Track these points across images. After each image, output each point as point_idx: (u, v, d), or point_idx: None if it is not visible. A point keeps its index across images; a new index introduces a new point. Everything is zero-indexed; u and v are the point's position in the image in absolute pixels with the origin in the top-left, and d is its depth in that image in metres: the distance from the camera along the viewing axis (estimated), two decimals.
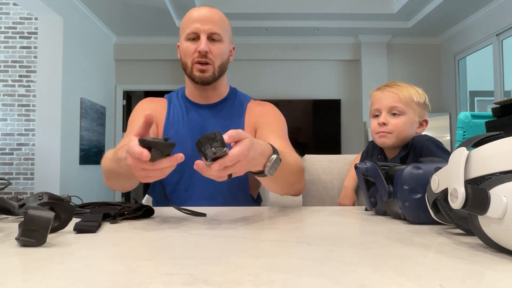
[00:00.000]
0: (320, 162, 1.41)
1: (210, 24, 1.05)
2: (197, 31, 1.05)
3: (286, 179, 0.89)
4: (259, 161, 0.70)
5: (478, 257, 0.42)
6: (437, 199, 0.54)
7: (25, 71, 4.56)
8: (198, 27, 1.05)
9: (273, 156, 0.73)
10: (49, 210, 0.51)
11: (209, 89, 1.13)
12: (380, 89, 1.13)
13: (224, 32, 1.08)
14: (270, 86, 5.56)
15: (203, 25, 1.05)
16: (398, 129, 1.08)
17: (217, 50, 1.07)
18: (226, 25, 1.11)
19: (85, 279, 0.35)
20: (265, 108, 1.18)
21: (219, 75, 1.10)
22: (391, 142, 1.09)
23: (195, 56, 1.06)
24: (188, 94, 1.17)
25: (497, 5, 4.26)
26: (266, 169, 0.72)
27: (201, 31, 1.05)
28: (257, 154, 0.68)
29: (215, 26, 1.06)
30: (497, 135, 0.47)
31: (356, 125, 5.53)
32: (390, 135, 1.08)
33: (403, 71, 5.52)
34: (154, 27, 5.09)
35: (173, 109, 1.15)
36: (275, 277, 0.35)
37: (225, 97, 1.17)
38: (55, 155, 3.94)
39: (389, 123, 1.08)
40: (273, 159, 0.72)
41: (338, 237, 0.55)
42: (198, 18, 1.06)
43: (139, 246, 0.50)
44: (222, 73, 1.11)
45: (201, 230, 0.60)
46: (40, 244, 0.47)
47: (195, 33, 1.05)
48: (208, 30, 1.05)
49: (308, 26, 5.14)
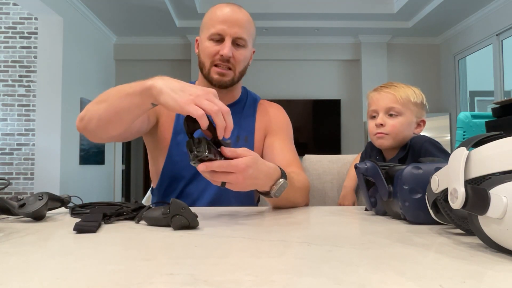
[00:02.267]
0: (320, 162, 1.41)
1: (237, 28, 0.99)
2: (222, 33, 0.99)
3: (291, 200, 0.89)
4: (264, 182, 0.73)
5: (478, 257, 0.42)
6: (437, 199, 0.54)
7: (25, 71, 4.56)
8: (224, 29, 0.99)
9: (281, 180, 0.75)
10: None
11: (224, 91, 1.08)
12: (377, 90, 1.13)
13: (249, 37, 1.04)
14: (270, 86, 5.56)
15: (229, 28, 0.99)
16: (395, 130, 1.07)
17: (240, 56, 1.02)
18: (252, 29, 1.06)
19: (85, 279, 0.35)
20: (275, 112, 1.17)
21: (237, 80, 1.07)
22: (388, 143, 1.09)
23: (216, 58, 1.01)
24: None
25: (497, 5, 4.26)
26: (272, 192, 0.74)
27: (226, 34, 0.99)
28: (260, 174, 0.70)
29: (242, 30, 1.00)
30: (497, 135, 0.47)
31: (356, 125, 5.53)
32: (388, 136, 1.08)
33: (403, 71, 5.53)
34: (154, 27, 5.10)
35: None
36: (275, 277, 0.35)
37: (237, 99, 1.14)
38: (55, 155, 3.94)
39: (386, 124, 1.08)
40: (280, 183, 0.75)
41: (338, 237, 0.55)
42: (225, 19, 0.99)
43: (139, 246, 0.50)
44: (240, 78, 1.08)
45: (201, 230, 0.60)
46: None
47: (220, 35, 0.99)
48: (234, 34, 0.99)
49: (308, 26, 5.14)
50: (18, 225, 0.65)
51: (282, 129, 1.13)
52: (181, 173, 1.04)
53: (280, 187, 0.74)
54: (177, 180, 1.05)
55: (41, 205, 0.68)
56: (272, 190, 0.74)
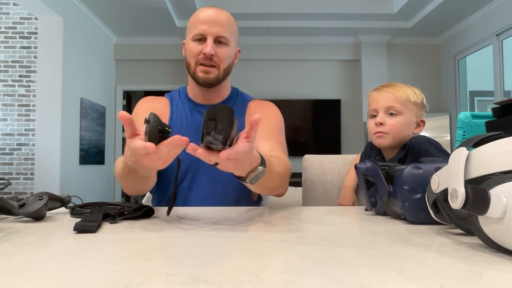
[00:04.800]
0: (320, 162, 1.41)
1: (218, 27, 1.05)
2: (204, 33, 1.04)
3: (268, 185, 0.89)
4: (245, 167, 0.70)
5: (478, 257, 0.42)
6: (437, 199, 0.54)
7: (25, 71, 4.56)
8: (205, 29, 1.04)
9: (259, 168, 0.72)
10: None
11: (212, 90, 1.12)
12: (377, 90, 1.14)
13: (231, 36, 1.08)
14: (270, 86, 5.56)
15: (210, 28, 1.04)
16: (395, 129, 1.08)
17: (223, 53, 1.06)
18: (233, 28, 1.10)
19: (85, 279, 0.35)
20: (263, 106, 1.19)
21: (223, 78, 1.10)
22: (388, 142, 1.09)
23: (199, 57, 1.06)
24: (191, 95, 1.17)
25: (497, 5, 4.26)
26: (249, 178, 0.71)
27: (208, 34, 1.04)
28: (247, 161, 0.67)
29: (223, 29, 1.05)
30: (497, 135, 0.47)
31: (356, 125, 5.53)
32: (387, 136, 1.08)
33: (403, 71, 5.53)
34: (154, 27, 5.09)
35: (176, 109, 1.15)
36: (275, 277, 0.35)
37: (227, 97, 1.17)
38: (55, 155, 3.94)
39: (386, 123, 1.08)
40: (258, 171, 0.71)
41: (338, 237, 0.55)
42: (206, 20, 1.05)
43: (139, 246, 0.50)
44: (226, 76, 1.11)
45: (201, 230, 0.60)
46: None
47: (202, 35, 1.05)
48: (215, 33, 1.04)
49: (308, 26, 5.14)
50: (18, 225, 0.65)
51: (268, 120, 1.13)
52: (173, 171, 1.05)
53: (258, 174, 0.71)
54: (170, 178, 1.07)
55: (41, 205, 0.69)
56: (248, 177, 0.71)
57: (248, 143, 0.61)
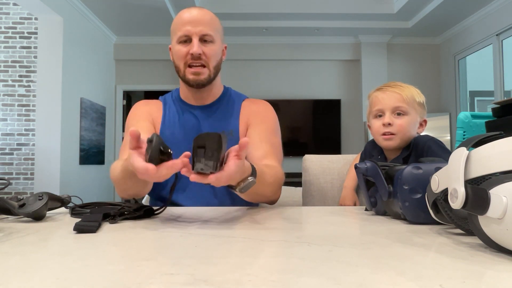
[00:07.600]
0: (320, 162, 1.41)
1: (201, 26, 1.04)
2: (188, 34, 1.04)
3: (260, 194, 0.90)
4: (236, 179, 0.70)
5: (478, 257, 0.42)
6: (437, 199, 0.54)
7: (25, 71, 4.56)
8: (189, 30, 1.04)
9: (249, 178, 0.72)
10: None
11: (203, 90, 1.12)
12: (382, 90, 1.12)
13: (215, 33, 1.07)
14: (270, 86, 5.56)
15: (194, 27, 1.04)
16: (403, 129, 1.07)
17: (210, 51, 1.06)
18: (217, 25, 1.10)
19: (85, 279, 0.35)
20: (257, 106, 1.18)
21: (214, 76, 1.10)
22: (396, 143, 1.08)
23: (187, 59, 1.05)
24: (183, 96, 1.17)
25: (497, 5, 4.26)
26: (239, 187, 0.71)
27: (192, 34, 1.04)
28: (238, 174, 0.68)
29: (206, 27, 1.05)
30: (497, 135, 0.47)
31: (356, 125, 5.53)
32: (395, 137, 1.07)
33: (403, 71, 5.53)
34: (154, 27, 5.09)
35: (168, 111, 1.15)
36: (275, 277, 0.35)
37: (219, 97, 1.17)
38: (55, 155, 3.94)
39: (394, 123, 1.07)
40: (248, 181, 0.72)
41: (338, 237, 0.55)
42: (188, 20, 1.05)
43: (139, 246, 0.50)
44: (216, 73, 1.11)
45: (201, 230, 0.60)
46: None
47: (187, 36, 1.04)
48: (199, 32, 1.04)
49: (308, 26, 5.14)
50: (18, 225, 0.65)
51: (263, 122, 1.13)
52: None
53: (248, 184, 0.72)
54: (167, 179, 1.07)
55: (41, 205, 0.69)
56: (239, 186, 0.72)
57: (238, 160, 0.63)
